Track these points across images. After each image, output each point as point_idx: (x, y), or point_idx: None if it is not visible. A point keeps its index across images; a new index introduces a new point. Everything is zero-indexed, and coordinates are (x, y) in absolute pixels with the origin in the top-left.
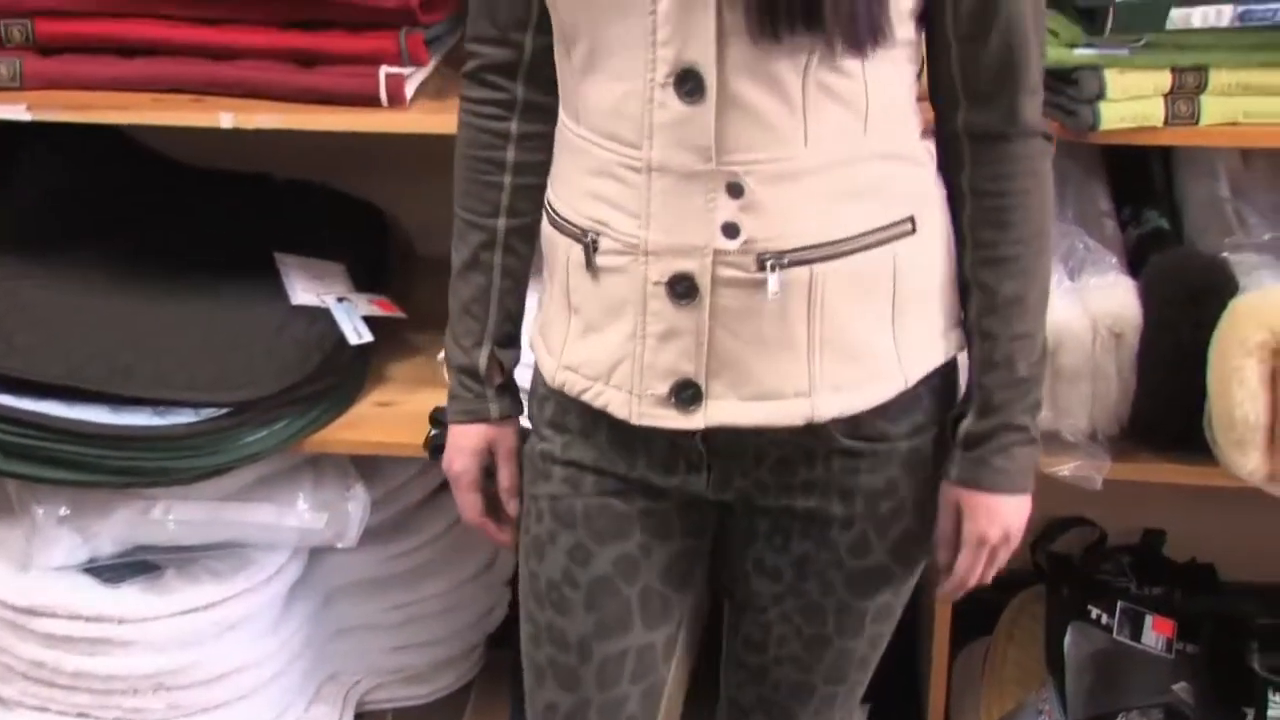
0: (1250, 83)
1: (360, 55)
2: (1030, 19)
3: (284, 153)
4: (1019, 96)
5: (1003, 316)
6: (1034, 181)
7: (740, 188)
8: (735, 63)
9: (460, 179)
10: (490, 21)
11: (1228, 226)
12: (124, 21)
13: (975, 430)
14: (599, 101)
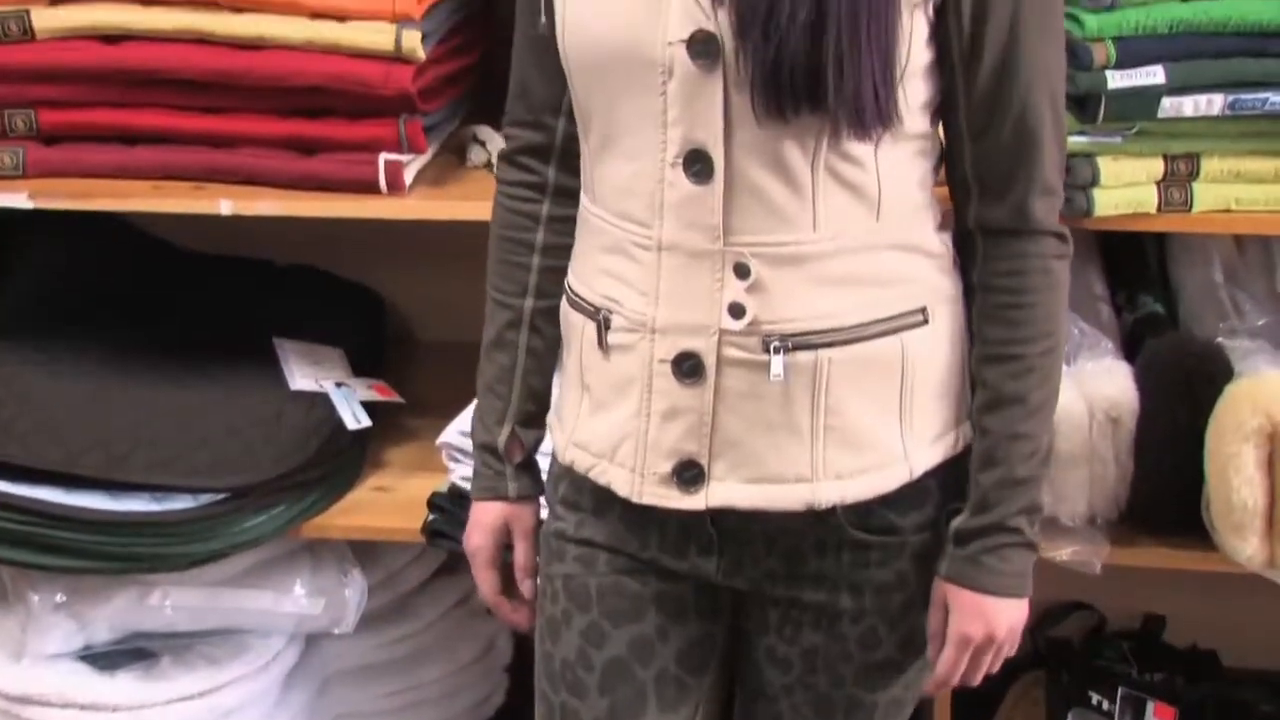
0: (1242, 170)
1: (359, 142)
2: (1047, 119)
3: (283, 238)
4: (1031, 194)
5: (1003, 415)
6: (1044, 280)
7: (747, 268)
8: (743, 144)
9: (491, 259)
10: (525, 106)
11: (1223, 312)
12: (126, 111)
13: (967, 527)
14: (612, 180)
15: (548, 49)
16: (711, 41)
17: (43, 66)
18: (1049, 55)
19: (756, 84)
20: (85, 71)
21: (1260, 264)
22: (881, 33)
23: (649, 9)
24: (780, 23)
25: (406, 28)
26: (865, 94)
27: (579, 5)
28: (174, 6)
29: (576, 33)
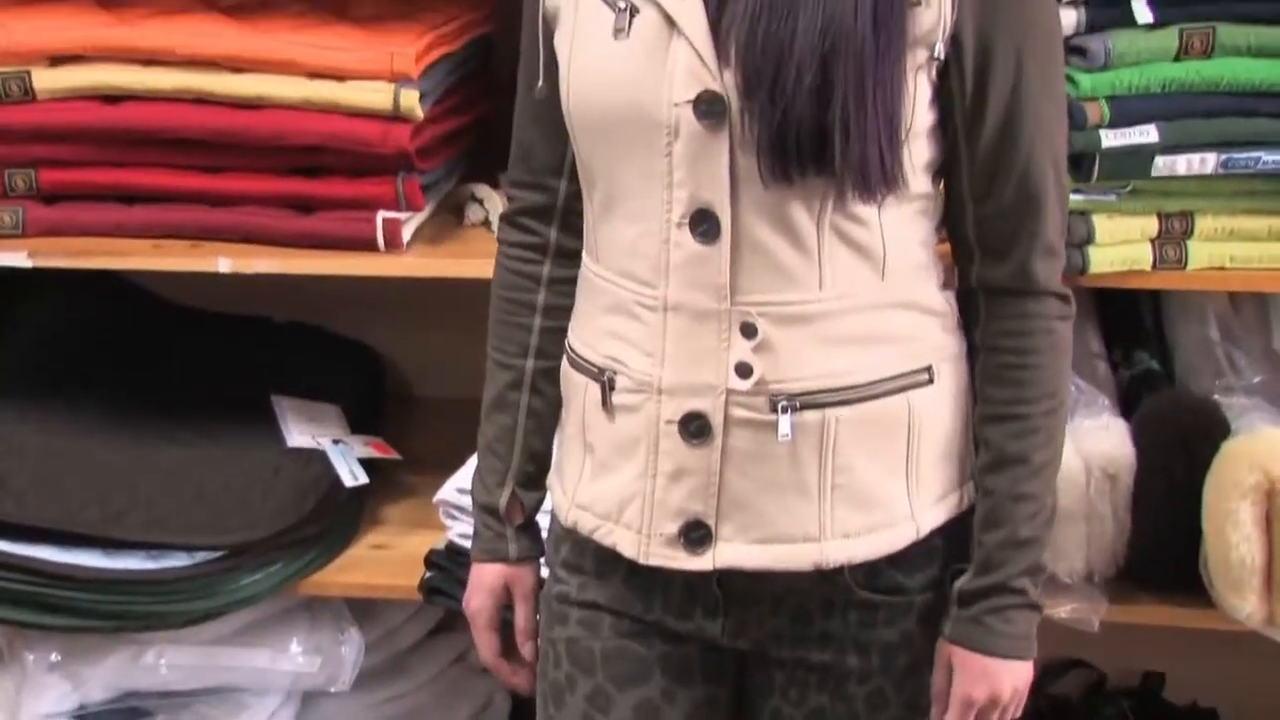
0: (1236, 228)
1: (358, 201)
2: (1050, 180)
3: (281, 295)
4: (1033, 255)
5: (1006, 475)
6: (1047, 341)
7: (754, 328)
8: (749, 204)
9: (493, 319)
10: (526, 167)
11: (1218, 369)
12: (125, 170)
13: (970, 588)
14: (617, 240)
15: (549, 111)
16: (718, 102)
17: (43, 126)
18: (1051, 116)
19: (763, 146)
20: (85, 131)
21: (1256, 321)
22: (887, 96)
23: (653, 70)
24: (787, 86)
25: (405, 87)
26: (871, 157)
27: (583, 68)
28: (173, 67)
29: (580, 95)
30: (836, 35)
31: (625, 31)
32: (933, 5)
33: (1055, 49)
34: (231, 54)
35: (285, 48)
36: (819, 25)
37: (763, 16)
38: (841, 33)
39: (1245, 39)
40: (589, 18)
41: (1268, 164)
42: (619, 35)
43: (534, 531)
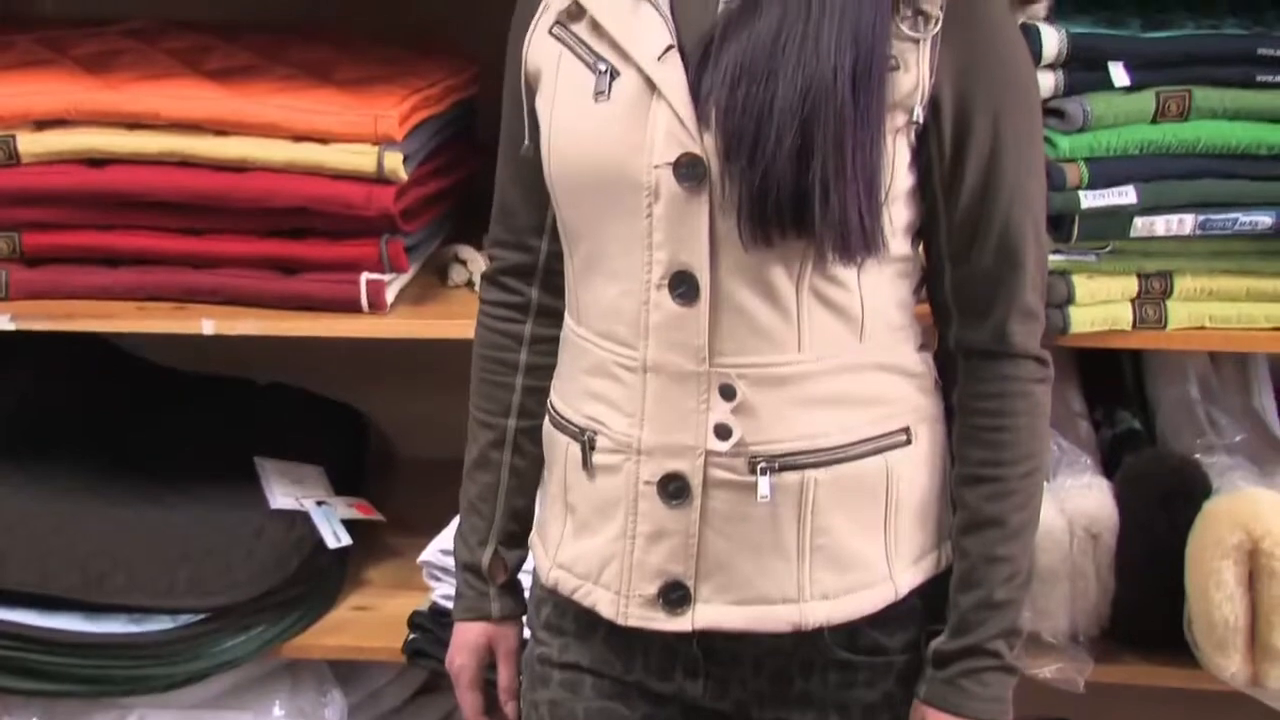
0: (1215, 288)
1: (342, 262)
2: (1028, 240)
3: (265, 356)
4: (1010, 318)
5: (982, 538)
6: (1025, 404)
7: (733, 390)
8: (729, 266)
9: (474, 378)
10: (508, 227)
11: (1199, 428)
12: (109, 233)
13: (945, 649)
14: (598, 301)
15: (532, 172)
16: (698, 165)
17: (28, 190)
18: (1029, 179)
19: (743, 209)
20: (70, 195)
21: (1235, 381)
22: (866, 159)
23: (633, 133)
24: (767, 149)
25: (389, 149)
26: (851, 219)
27: (564, 130)
28: (158, 130)
29: (562, 157)
30: (816, 99)
31: (606, 94)
32: (911, 69)
33: (1033, 111)
34: (216, 117)
35: (270, 111)
36: (799, 89)
37: (743, 80)
38: (821, 96)
39: (1221, 102)
40: (570, 80)
41: (1245, 225)
42: (599, 98)
43: (517, 591)
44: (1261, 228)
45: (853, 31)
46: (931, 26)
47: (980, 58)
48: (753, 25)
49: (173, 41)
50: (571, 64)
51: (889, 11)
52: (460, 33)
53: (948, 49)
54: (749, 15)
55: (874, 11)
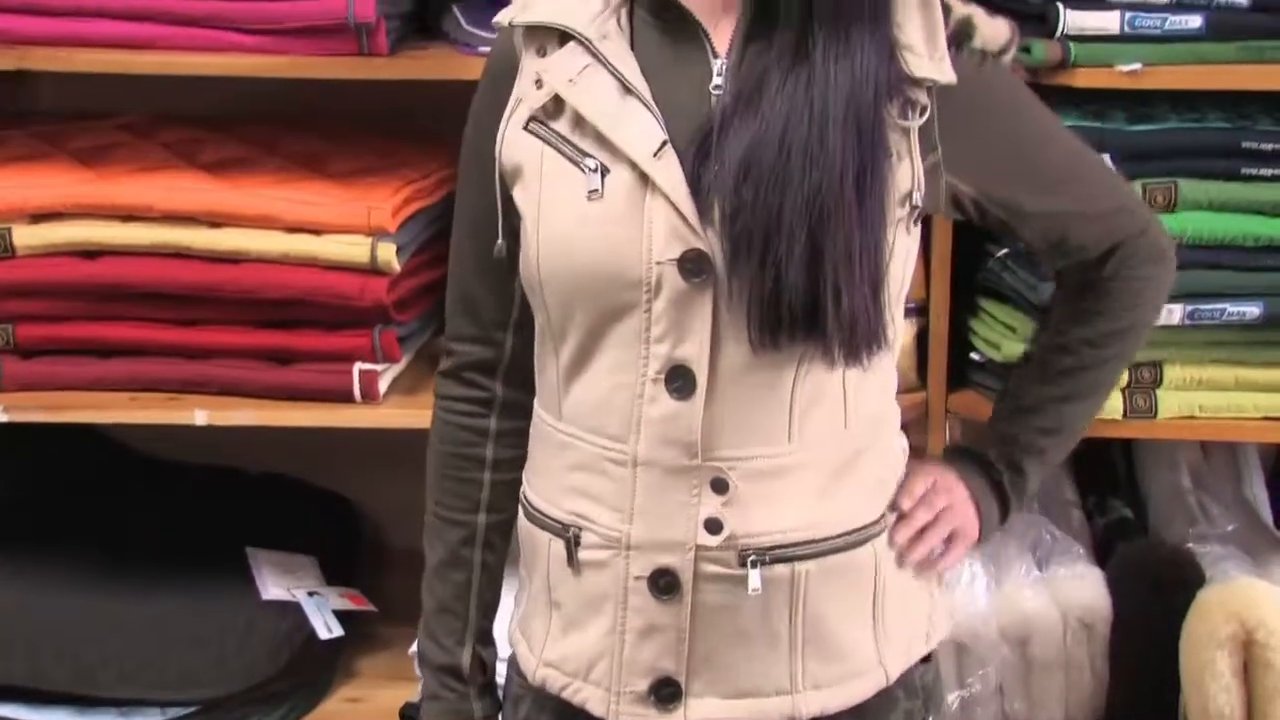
0: (1204, 378)
1: (335, 353)
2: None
3: (258, 446)
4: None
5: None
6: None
7: (725, 484)
8: (728, 362)
9: (437, 476)
10: (472, 321)
11: (1191, 517)
12: (103, 324)
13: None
14: (587, 396)
15: (500, 268)
16: (704, 260)
17: (22, 283)
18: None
19: (753, 312)
20: (64, 287)
21: (1226, 470)
22: (873, 259)
23: (629, 229)
24: (778, 252)
25: (382, 240)
26: (860, 321)
27: (556, 230)
28: (152, 222)
29: (554, 258)
30: (825, 203)
31: (600, 193)
32: (904, 158)
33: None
34: (210, 209)
35: (264, 202)
36: (807, 194)
37: (749, 182)
38: (830, 201)
39: (1207, 194)
40: (556, 177)
41: (1233, 315)
42: (593, 196)
43: (494, 689)
44: (1249, 318)
45: (856, 133)
46: (918, 115)
47: (993, 146)
48: (755, 121)
49: (167, 134)
50: (556, 162)
51: (884, 104)
52: (450, 122)
53: (954, 143)
54: (749, 110)
55: (873, 111)
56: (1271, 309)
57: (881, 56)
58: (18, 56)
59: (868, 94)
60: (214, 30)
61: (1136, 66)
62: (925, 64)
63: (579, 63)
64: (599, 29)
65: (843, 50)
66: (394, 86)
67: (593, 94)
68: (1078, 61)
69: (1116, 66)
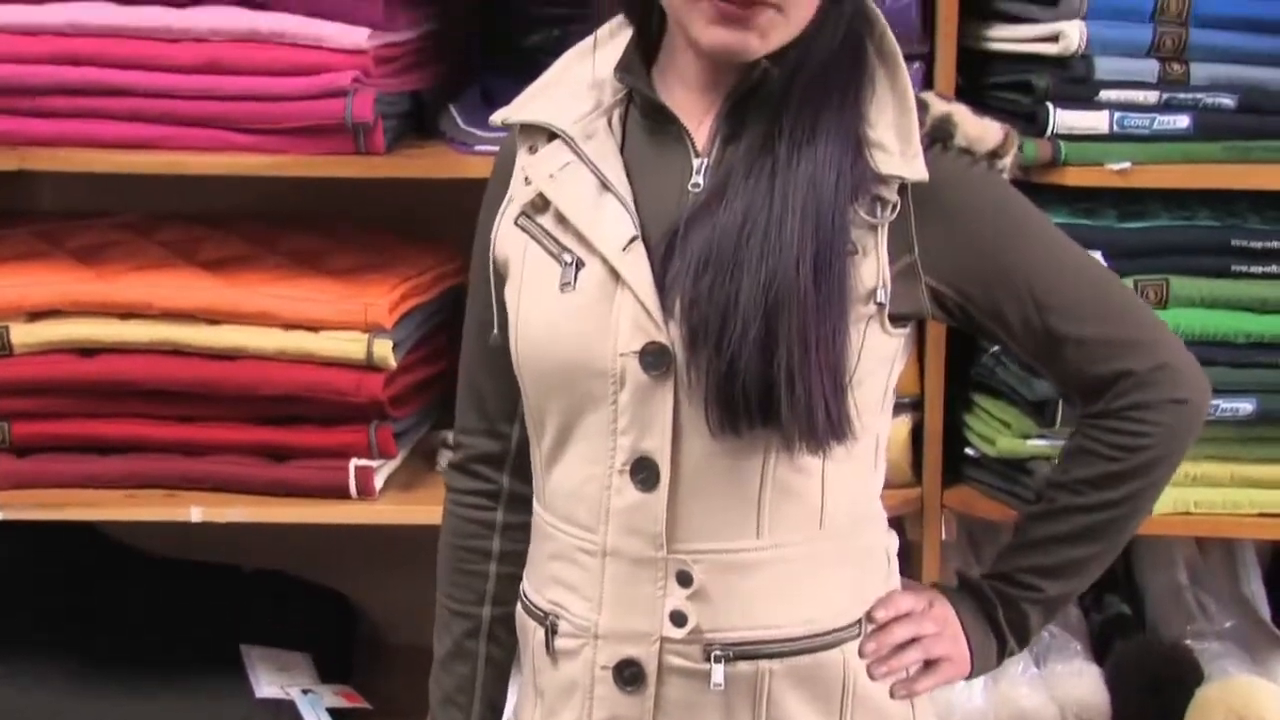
0: (1198, 474)
1: (331, 449)
2: (1110, 316)
3: (254, 542)
4: (1126, 383)
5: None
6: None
7: (689, 577)
8: (692, 453)
9: (445, 568)
10: (479, 414)
11: (1189, 614)
12: (99, 421)
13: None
14: (562, 486)
15: (502, 359)
16: (664, 354)
17: (18, 381)
18: (1072, 277)
19: (710, 399)
20: (60, 384)
21: (1223, 566)
22: (829, 349)
23: (599, 321)
24: (732, 340)
25: (378, 337)
26: (816, 409)
27: (531, 320)
28: (150, 319)
29: (529, 346)
30: (779, 290)
31: (572, 285)
32: (870, 254)
33: (1033, 221)
34: (208, 306)
35: (261, 299)
36: (762, 280)
37: (707, 272)
38: (784, 287)
39: (1198, 291)
40: (536, 270)
41: (1226, 411)
42: (565, 288)
43: None
44: (1243, 414)
45: (814, 222)
46: (888, 213)
47: (973, 250)
48: (717, 216)
49: (166, 232)
50: (538, 255)
51: (848, 200)
52: (447, 220)
53: (932, 244)
54: (713, 206)
55: (833, 202)
56: (1265, 405)
57: (846, 149)
58: (19, 157)
59: (828, 184)
60: (213, 130)
61: (1126, 165)
62: (895, 161)
63: (561, 159)
64: (584, 128)
65: (807, 141)
66: (391, 184)
67: (571, 190)
68: (1068, 160)
69: (1107, 165)
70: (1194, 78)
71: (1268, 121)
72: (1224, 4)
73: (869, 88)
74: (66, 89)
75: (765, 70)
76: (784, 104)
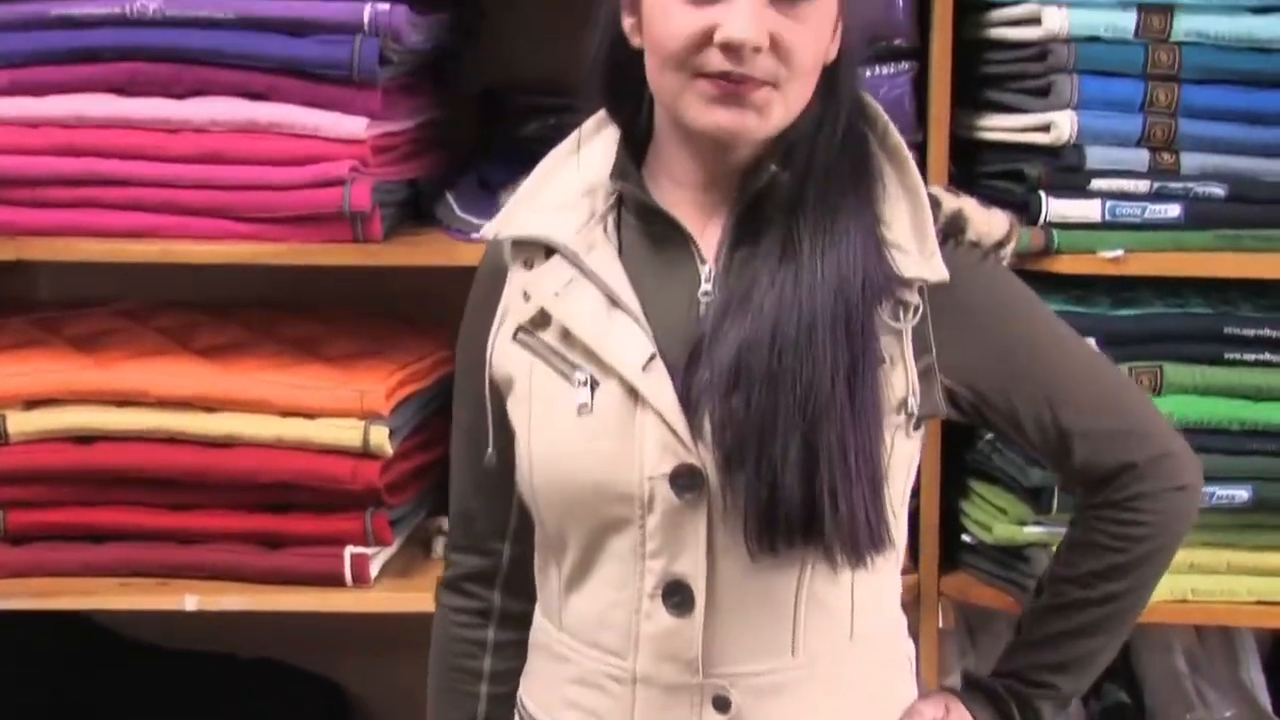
0: (1195, 561)
1: (326, 537)
2: (1113, 411)
3: (249, 630)
4: (1130, 475)
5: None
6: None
7: (726, 701)
8: (726, 575)
9: (435, 686)
10: (468, 533)
11: (1188, 702)
12: (94, 509)
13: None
14: (585, 610)
15: (495, 478)
16: (696, 476)
17: (14, 470)
18: (1077, 368)
19: (750, 522)
20: (56, 473)
21: (1222, 653)
22: (868, 459)
23: (622, 445)
24: (772, 461)
25: (375, 424)
26: (859, 523)
27: (547, 444)
28: (147, 407)
29: (546, 472)
30: (817, 405)
31: (589, 406)
32: (898, 363)
33: (1042, 319)
34: (204, 394)
35: (257, 387)
36: (798, 396)
37: (739, 388)
38: (821, 403)
39: (1191, 378)
40: (545, 389)
41: (1222, 499)
42: (583, 410)
43: None
44: (1239, 502)
45: (845, 331)
46: (911, 316)
47: (988, 347)
48: (744, 325)
49: (163, 320)
50: (545, 374)
51: (875, 306)
52: (444, 307)
53: (948, 344)
54: (737, 318)
55: (862, 309)
56: (1260, 493)
57: (868, 252)
58: (16, 247)
59: (855, 291)
60: (212, 219)
61: (1119, 253)
62: (915, 262)
63: (564, 276)
64: (585, 239)
65: (828, 246)
66: (388, 272)
67: (579, 308)
68: (1061, 248)
69: (1099, 253)
70: (1184, 167)
71: (1257, 211)
72: (1212, 96)
73: (880, 186)
74: (66, 180)
75: (775, 174)
76: (798, 208)
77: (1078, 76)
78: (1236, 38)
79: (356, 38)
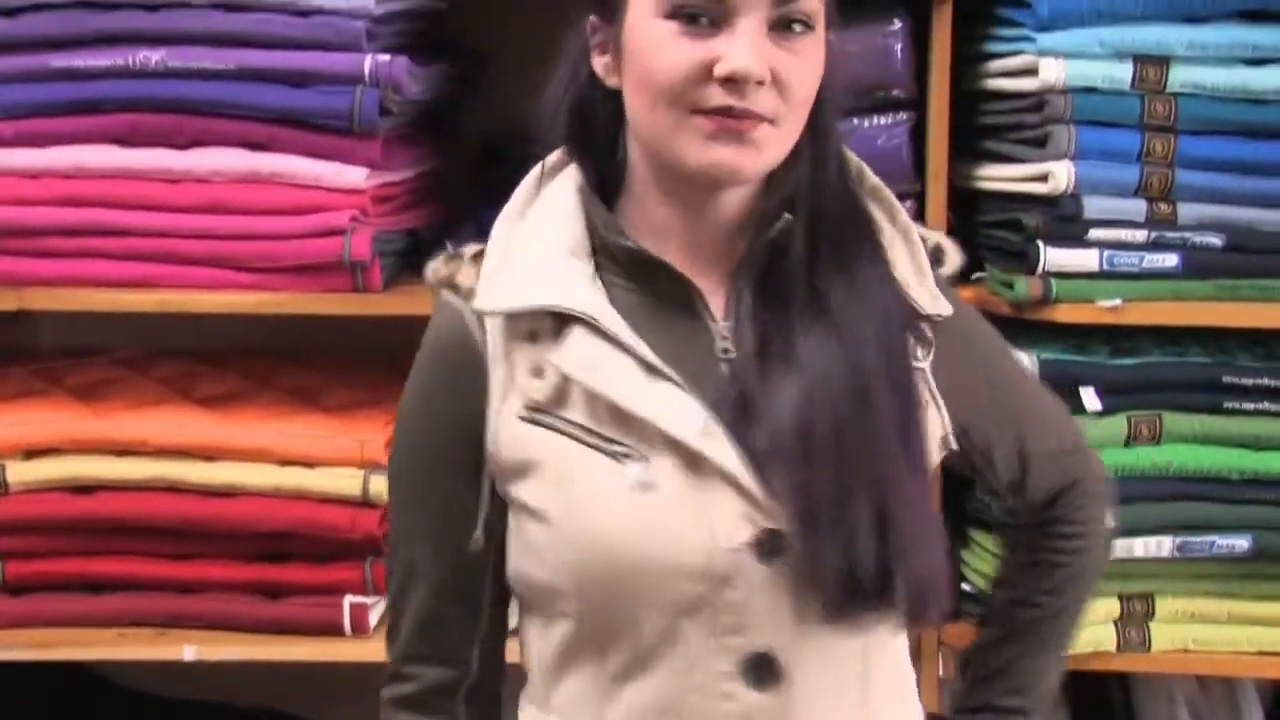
0: (1196, 611)
1: (325, 586)
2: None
3: (245, 678)
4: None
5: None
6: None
7: None
8: (806, 642)
9: None
10: (433, 641)
11: None
12: (93, 559)
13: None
14: (647, 702)
15: (470, 575)
16: (779, 540)
17: (13, 519)
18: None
19: (829, 584)
20: (56, 522)
21: (1225, 703)
22: (926, 511)
23: (690, 518)
24: (850, 519)
25: (374, 473)
26: (926, 580)
27: (595, 526)
28: (147, 457)
29: (599, 557)
30: (881, 460)
31: (652, 483)
32: (929, 401)
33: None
34: (204, 443)
35: (257, 436)
36: (865, 453)
37: (808, 449)
38: (887, 458)
39: (1190, 427)
40: (585, 470)
41: (1222, 548)
42: (645, 488)
43: None
44: (1239, 551)
45: (888, 379)
46: (928, 354)
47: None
48: (795, 387)
49: (163, 369)
50: (581, 453)
51: (910, 350)
52: None
53: (941, 377)
54: (784, 371)
55: (903, 354)
56: (1260, 542)
57: (893, 294)
58: (18, 297)
59: (894, 334)
60: (213, 269)
61: (1117, 302)
62: (925, 298)
63: (590, 345)
64: (597, 305)
65: (857, 292)
66: (388, 321)
67: (619, 378)
68: (1059, 297)
69: (1097, 302)
70: (1181, 217)
71: (1255, 260)
72: (1208, 147)
73: (876, 227)
74: (68, 230)
75: (790, 222)
76: (814, 256)
77: (1075, 127)
78: (1232, 89)
79: (357, 89)
